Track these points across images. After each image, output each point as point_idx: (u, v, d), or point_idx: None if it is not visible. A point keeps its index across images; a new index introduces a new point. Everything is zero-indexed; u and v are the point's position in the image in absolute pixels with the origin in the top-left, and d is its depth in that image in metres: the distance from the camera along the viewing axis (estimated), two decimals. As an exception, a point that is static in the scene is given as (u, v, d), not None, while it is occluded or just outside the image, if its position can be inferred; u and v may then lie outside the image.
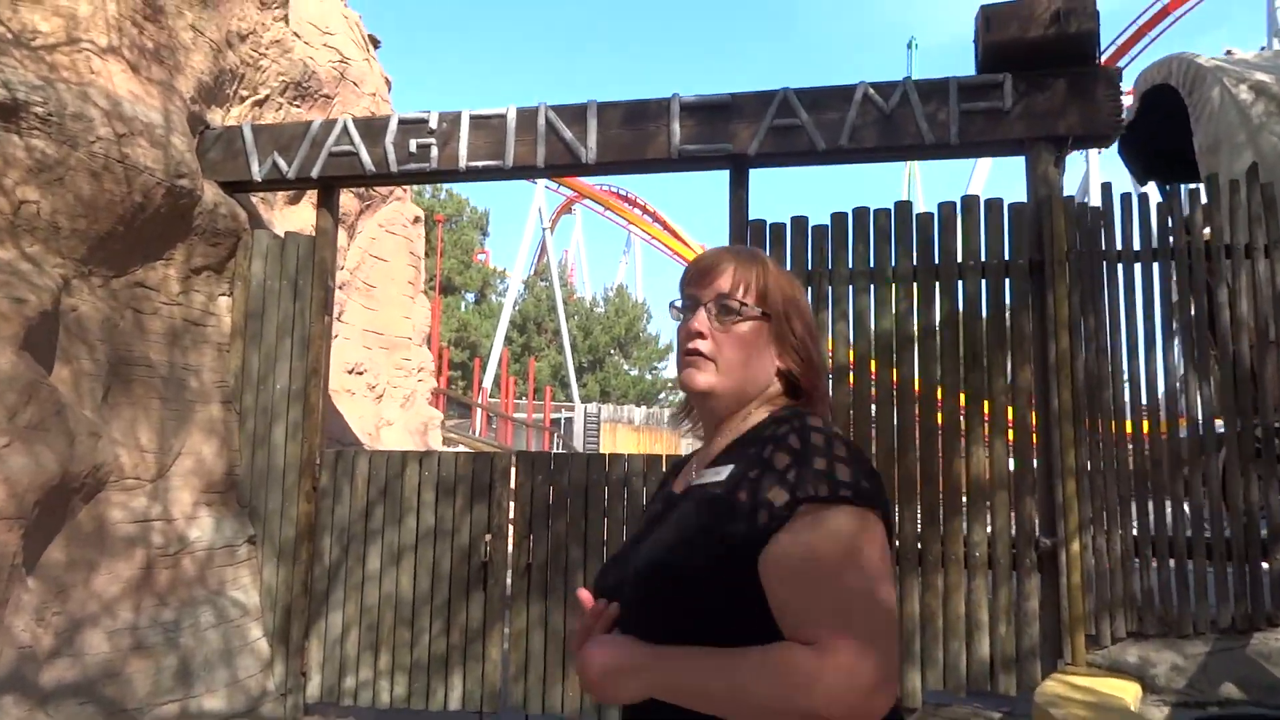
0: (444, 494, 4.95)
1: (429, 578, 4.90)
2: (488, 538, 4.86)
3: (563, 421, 32.03)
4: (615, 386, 41.24)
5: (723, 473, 1.19)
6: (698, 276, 1.30)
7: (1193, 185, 4.14)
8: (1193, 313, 4.02)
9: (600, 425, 30.70)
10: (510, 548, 4.86)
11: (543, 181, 35.91)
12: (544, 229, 39.26)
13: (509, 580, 4.86)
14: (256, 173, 5.09)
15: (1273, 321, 3.91)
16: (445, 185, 38.45)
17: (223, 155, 5.15)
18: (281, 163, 5.07)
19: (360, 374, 7.05)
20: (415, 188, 34.14)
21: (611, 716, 4.61)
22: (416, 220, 8.04)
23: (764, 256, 1.33)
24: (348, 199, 6.87)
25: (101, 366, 4.45)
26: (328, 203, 5.21)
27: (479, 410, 25.94)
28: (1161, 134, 5.70)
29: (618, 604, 1.18)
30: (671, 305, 1.34)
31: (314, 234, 5.26)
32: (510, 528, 4.90)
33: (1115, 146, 5.73)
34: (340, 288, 6.84)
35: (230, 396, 5.19)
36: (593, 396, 38.82)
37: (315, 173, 5.04)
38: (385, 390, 7.42)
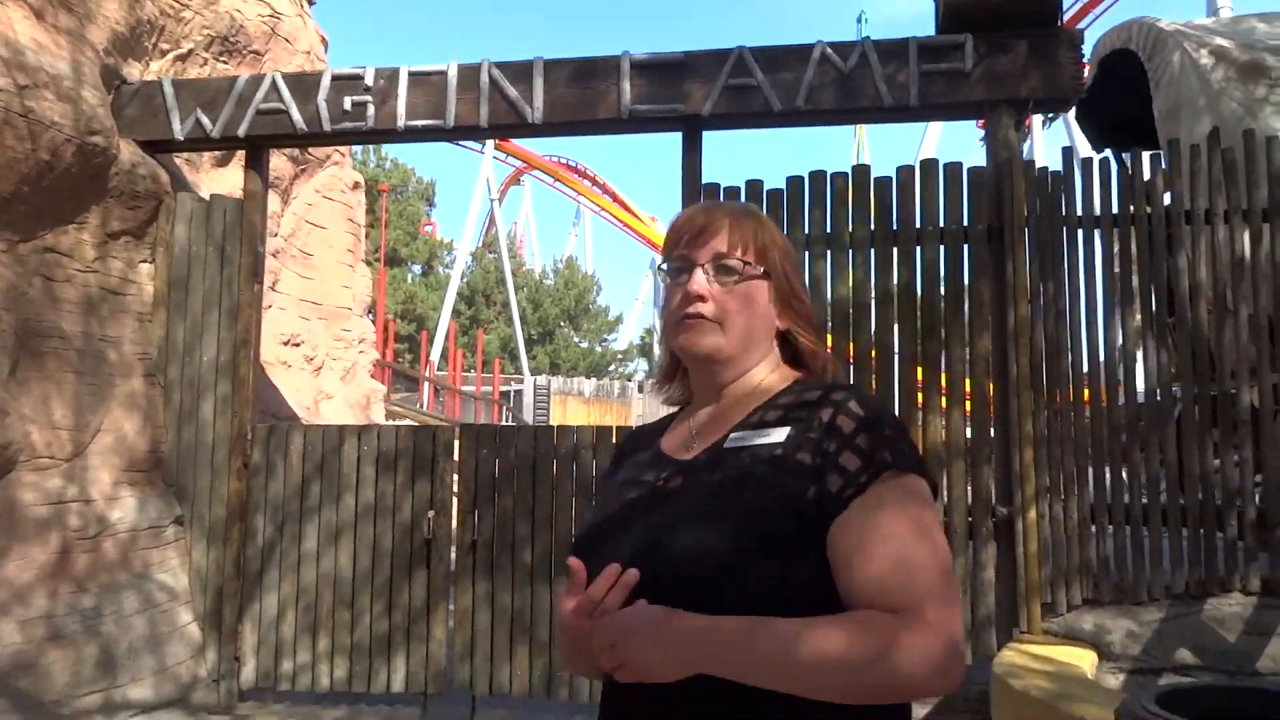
0: (384, 469, 4.73)
1: (369, 556, 4.70)
2: (431, 514, 4.67)
3: (512, 394, 31.73)
4: (565, 359, 40.95)
5: (772, 434, 1.13)
6: (690, 236, 1.22)
7: (1153, 151, 4.05)
8: (1151, 280, 3.96)
9: (550, 398, 30.48)
10: (454, 524, 4.67)
11: (490, 152, 35.31)
12: (492, 200, 38.66)
13: (453, 558, 4.68)
14: (178, 131, 4.76)
15: (1230, 288, 3.86)
16: (390, 155, 37.61)
17: (141, 112, 4.81)
18: (205, 120, 4.75)
19: (297, 345, 6.76)
20: (358, 156, 33.28)
21: (561, 696, 4.47)
22: (356, 186, 7.71)
23: (759, 212, 1.28)
24: (280, 162, 6.54)
25: (7, 338, 4.14)
26: (256, 164, 4.90)
27: (426, 383, 25.51)
28: (1119, 100, 5.66)
29: (635, 571, 1.03)
30: (660, 268, 1.28)
31: (241, 197, 4.96)
32: (454, 503, 4.71)
33: (1073, 112, 5.68)
34: (274, 255, 6.53)
35: (154, 369, 4.90)
36: (542, 369, 38.51)
37: (242, 131, 4.73)
38: (324, 362, 7.13)
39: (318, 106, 4.68)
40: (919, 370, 4.19)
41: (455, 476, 4.73)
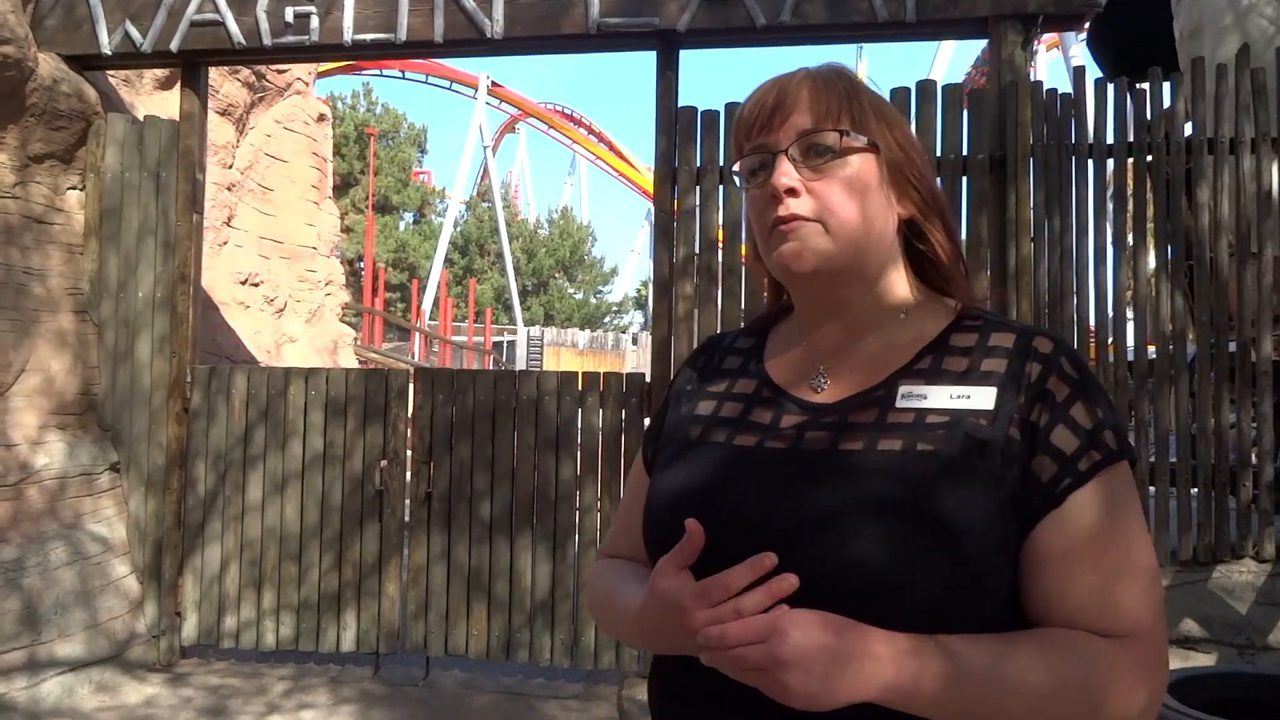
0: (334, 415, 4.40)
1: (317, 509, 4.38)
2: (383, 464, 4.35)
3: (505, 345, 31.43)
4: (559, 310, 40.57)
5: (973, 397, 0.86)
6: (765, 117, 0.92)
7: (1173, 73, 3.65)
8: (1168, 216, 3.59)
9: (543, 349, 30.20)
10: (408, 475, 4.35)
11: (484, 98, 34.51)
12: (486, 148, 37.90)
13: (407, 511, 4.37)
14: (105, 44, 4.34)
15: (1255, 225, 3.49)
16: (381, 100, 36.77)
17: (63, 23, 4.39)
18: (134, 33, 4.33)
19: (256, 285, 6.38)
20: (347, 100, 32.49)
21: (521, 658, 4.19)
22: (322, 118, 7.27)
23: (845, 70, 0.96)
24: (234, 89, 6.11)
25: (-87, 266, 3.77)
26: (193, 82, 4.48)
27: (417, 333, 25.17)
28: (1134, 23, 5.23)
29: (795, 579, 0.78)
30: (734, 171, 0.98)
31: (177, 119, 4.55)
32: (409, 453, 4.39)
33: (1084, 37, 5.24)
34: (229, 189, 6.12)
35: (85, 305, 4.53)
36: (536, 320, 38.15)
37: (174, 45, 4.31)
38: (287, 304, 6.76)
39: (257, 18, 4.25)
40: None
41: (409, 425, 4.40)
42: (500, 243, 37.40)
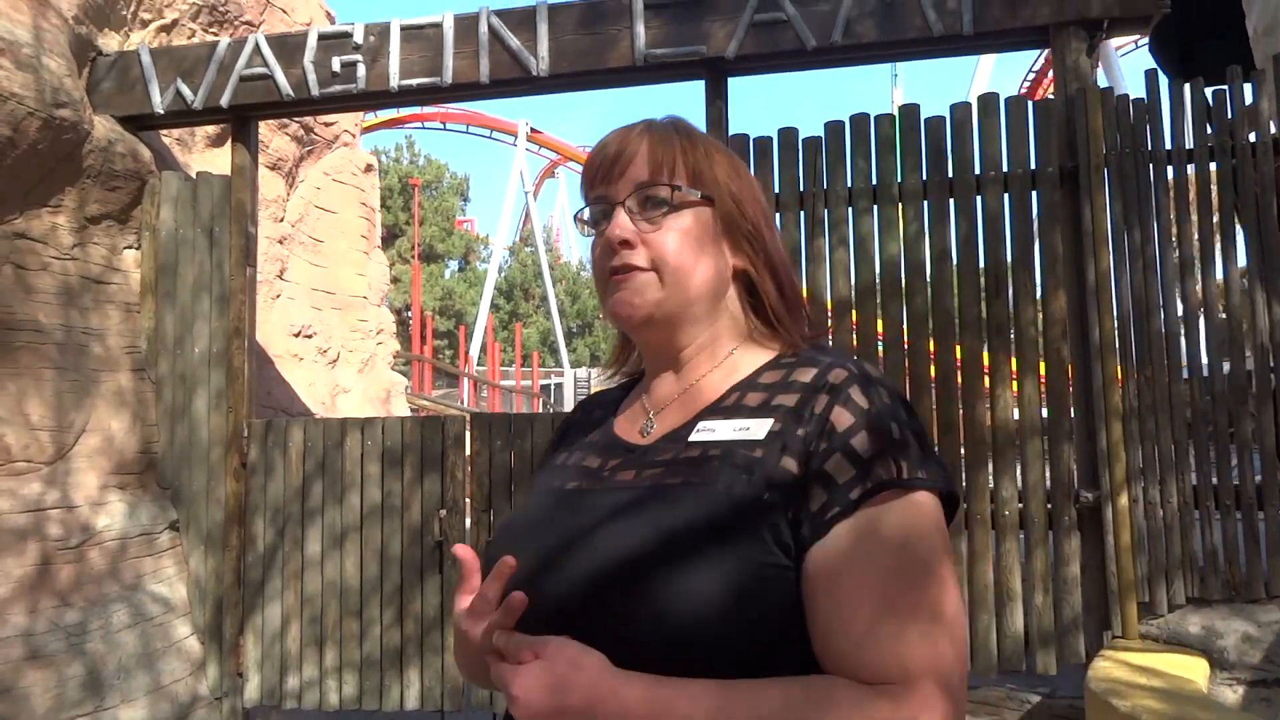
0: (390, 465, 4.32)
1: (377, 561, 4.29)
2: (441, 513, 4.25)
3: (553, 387, 31.46)
4: (605, 351, 40.55)
5: (751, 428, 0.87)
6: (604, 169, 0.96)
7: (1254, 71, 3.47)
8: (1258, 222, 3.38)
9: (590, 390, 30.14)
10: (468, 524, 4.25)
11: (523, 144, 34.99)
12: (526, 194, 38.35)
13: (468, 561, 4.24)
14: (157, 103, 4.38)
15: (1355, 226, 3.27)
16: (423, 151, 37.47)
17: (118, 85, 4.44)
18: (185, 90, 4.36)
19: (309, 337, 6.39)
20: (390, 154, 33.19)
21: (590, 711, 4.02)
22: (369, 169, 7.33)
23: (687, 124, 1.00)
24: (284, 143, 6.17)
25: (-25, 331, 3.79)
26: (243, 136, 4.51)
27: (465, 379, 25.30)
28: (1200, 24, 5.04)
29: (523, 595, 0.79)
30: (577, 219, 1.01)
31: (229, 174, 4.57)
32: (467, 501, 4.29)
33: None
34: (281, 242, 6.16)
35: (143, 363, 4.54)
36: (582, 361, 38.20)
37: (225, 101, 4.33)
38: (340, 354, 6.76)
39: (304, 69, 4.26)
40: (983, 336, 3.66)
41: (468, 472, 4.30)
42: (544, 286, 37.65)
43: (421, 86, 4.19)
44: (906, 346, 3.74)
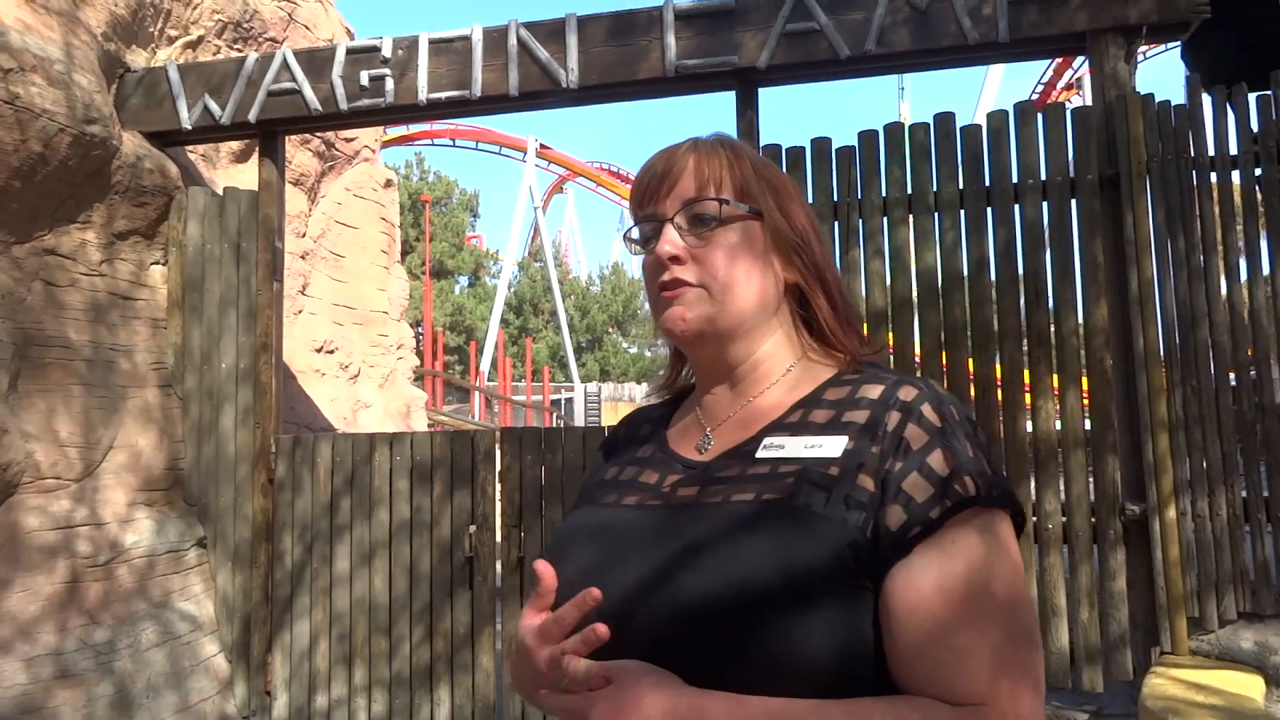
0: (419, 481, 4.27)
1: (406, 578, 4.24)
2: (472, 529, 4.20)
3: (563, 402, 31.42)
4: (615, 365, 40.58)
5: (825, 445, 0.85)
6: (652, 188, 0.97)
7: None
8: (1306, 226, 3.32)
9: (601, 404, 30.11)
10: (498, 539, 4.20)
11: (532, 160, 35.11)
12: (536, 209, 38.45)
13: (498, 577, 4.20)
14: (185, 119, 4.38)
15: (1406, 232, 3.22)
16: (433, 167, 37.62)
17: (146, 101, 4.44)
18: (213, 106, 4.36)
19: (331, 352, 6.37)
20: (401, 170, 33.37)
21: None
22: (389, 184, 7.33)
23: (734, 140, 1.00)
24: (306, 158, 6.17)
25: (5, 348, 3.77)
26: (270, 151, 4.50)
27: (477, 393, 25.29)
28: (1230, 31, 4.99)
29: (606, 629, 0.77)
30: (626, 239, 1.01)
31: (257, 189, 4.55)
32: (497, 517, 4.24)
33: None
34: (303, 257, 6.15)
35: (170, 379, 4.51)
36: (592, 376, 38.18)
37: (253, 116, 4.32)
38: (361, 369, 6.74)
39: (332, 84, 4.25)
40: (1025, 347, 3.61)
41: (498, 487, 4.26)
42: (554, 301, 37.69)
43: (450, 100, 4.17)
44: (945, 358, 3.69)
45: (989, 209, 3.68)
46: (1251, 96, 3.46)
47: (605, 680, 0.77)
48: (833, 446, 0.85)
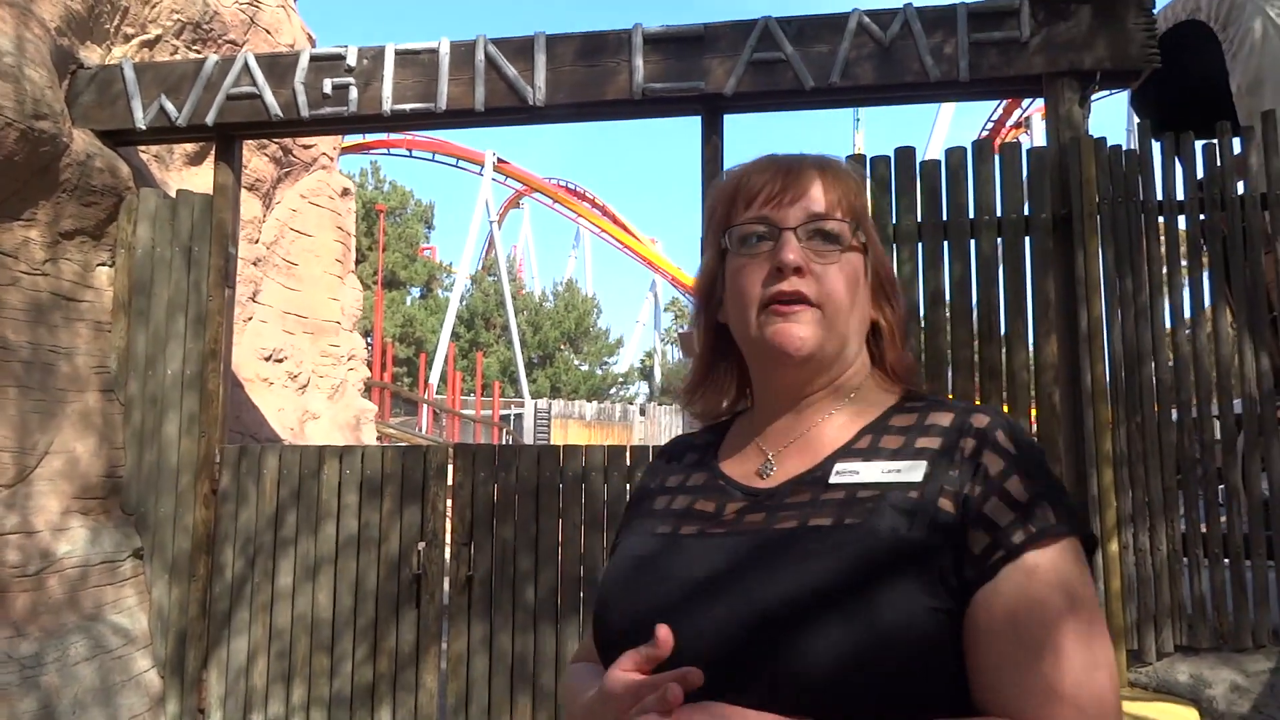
0: (369, 495, 4.20)
1: (351, 594, 4.15)
2: (421, 546, 4.13)
3: (512, 418, 31.19)
4: (566, 382, 40.43)
5: (904, 471, 0.85)
6: (772, 192, 0.93)
7: (1243, 126, 3.56)
8: (1248, 272, 3.45)
9: (551, 421, 29.95)
10: (447, 557, 4.14)
11: (489, 174, 34.96)
12: (491, 223, 38.26)
13: (446, 595, 4.14)
14: (140, 119, 4.28)
15: (1339, 280, 3.36)
16: (389, 177, 37.28)
17: (99, 99, 4.33)
18: (170, 107, 4.26)
19: (280, 361, 6.24)
20: (356, 178, 33.00)
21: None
22: (346, 193, 7.23)
23: (844, 162, 0.99)
24: (262, 164, 6.06)
25: (-62, 346, 3.63)
26: (227, 155, 4.41)
27: (425, 406, 24.98)
28: (1181, 79, 5.18)
29: (697, 671, 0.76)
30: (727, 235, 0.96)
31: (211, 193, 4.46)
32: (448, 534, 4.18)
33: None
34: (255, 264, 6.03)
35: (112, 384, 4.38)
36: (543, 392, 37.97)
37: (211, 119, 4.24)
38: (310, 379, 6.61)
39: (294, 90, 4.19)
40: (976, 380, 3.68)
41: (449, 503, 4.20)
42: (506, 315, 37.48)
43: (415, 112, 4.14)
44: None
45: (946, 243, 3.76)
46: (1198, 144, 3.59)
47: None
48: (912, 472, 0.85)
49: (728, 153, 4.14)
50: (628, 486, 4.00)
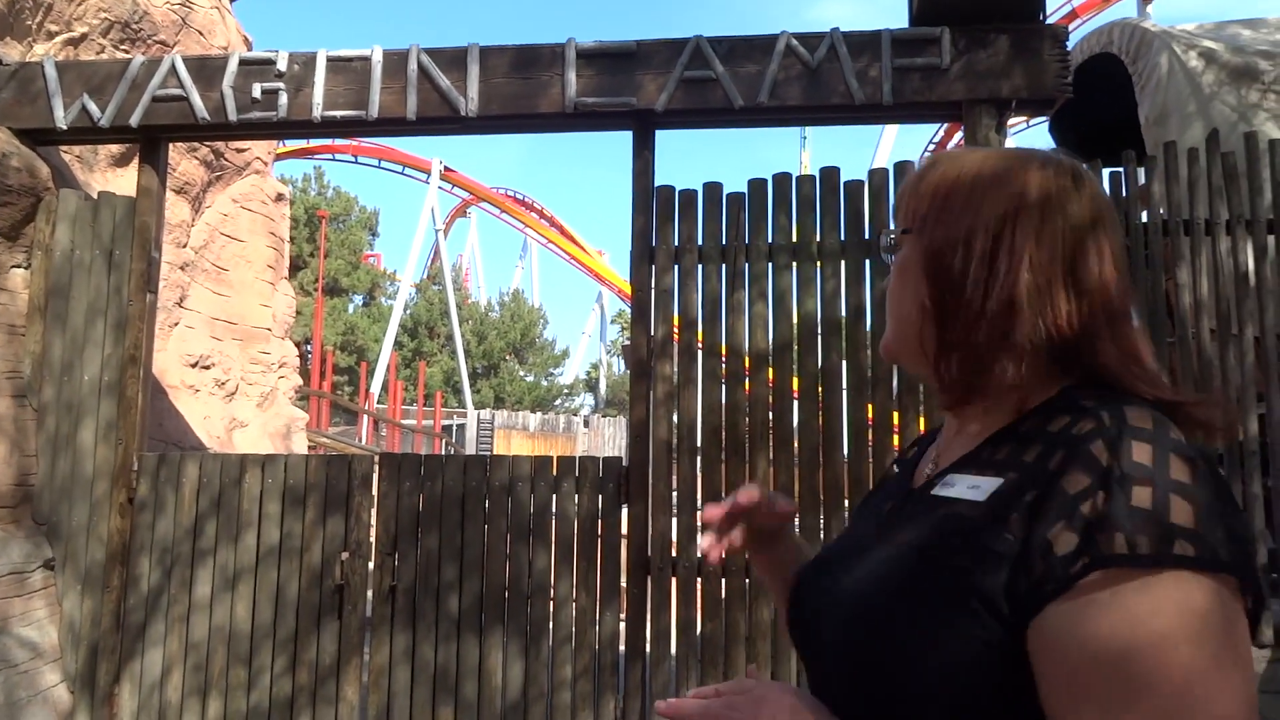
0: (291, 505, 4.14)
1: (271, 606, 4.09)
2: (344, 556, 4.09)
3: (455, 428, 30.90)
4: (510, 393, 40.22)
5: (982, 486, 0.79)
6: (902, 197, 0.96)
7: (1147, 156, 3.73)
8: (1151, 295, 3.60)
9: (494, 432, 29.75)
10: (371, 567, 4.10)
11: (436, 182, 34.72)
12: (437, 231, 37.98)
13: (369, 606, 4.09)
14: (60, 119, 4.18)
15: (1234, 305, 3.52)
16: (333, 183, 36.77)
17: (18, 96, 4.23)
18: (93, 107, 4.18)
19: (207, 368, 6.12)
20: (298, 183, 32.53)
21: (491, 766, 3.89)
22: (280, 198, 7.13)
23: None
24: (192, 167, 5.96)
25: None
26: (152, 158, 4.33)
27: (365, 416, 24.62)
28: (1094, 109, 5.39)
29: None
30: (880, 248, 1.12)
31: (134, 195, 4.37)
32: (372, 544, 4.14)
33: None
34: (183, 269, 5.92)
35: (24, 389, 4.26)
36: (487, 403, 37.72)
37: (135, 120, 4.17)
38: (239, 387, 6.50)
39: (223, 94, 4.14)
40: (895, 393, 3.77)
41: (374, 513, 4.16)
42: (451, 325, 37.17)
43: (346, 119, 4.12)
44: (821, 400, 3.82)
45: (868, 261, 3.85)
46: (1105, 171, 3.74)
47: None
48: (986, 487, 0.79)
49: (660, 168, 4.19)
50: (554, 497, 4.02)
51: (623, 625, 3.99)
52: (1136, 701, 0.65)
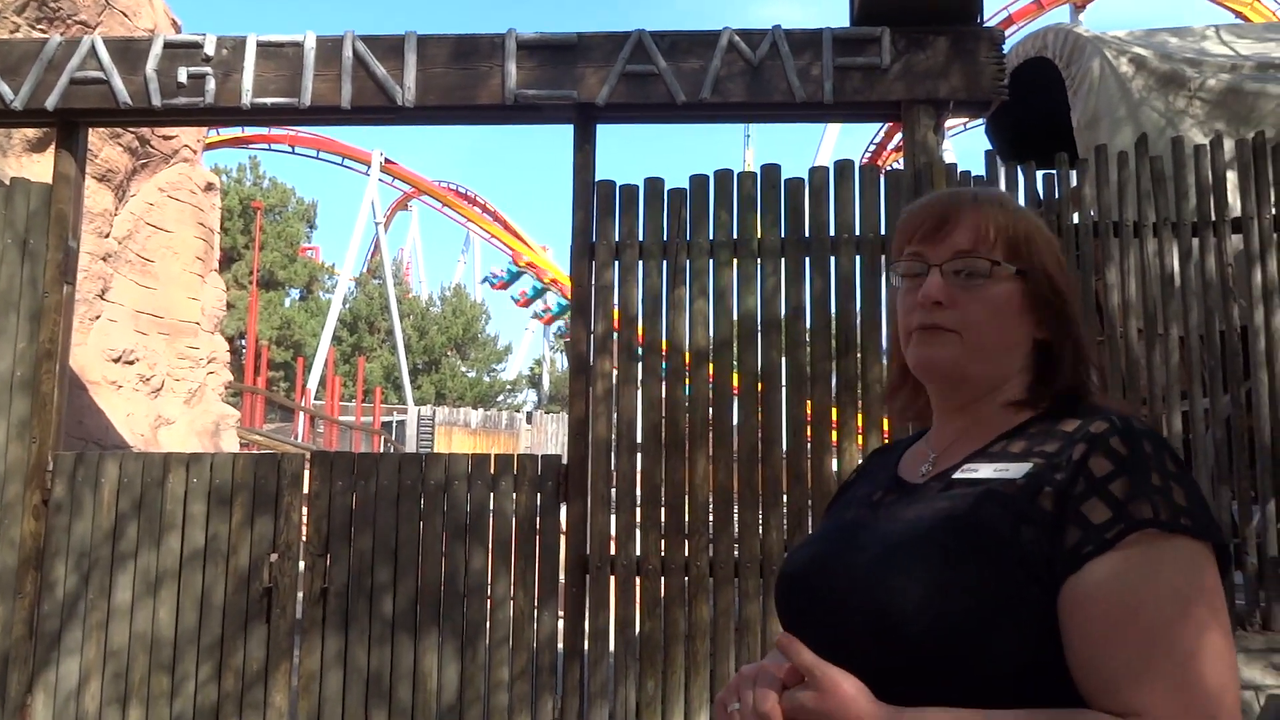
0: (218, 505, 4.00)
1: (196, 610, 3.94)
2: (273, 558, 3.96)
3: (395, 425, 30.45)
4: (451, 389, 39.75)
5: (1012, 469, 0.94)
6: (927, 230, 1.04)
7: (1078, 159, 3.80)
8: (1081, 294, 3.67)
9: (435, 428, 29.39)
10: (301, 569, 3.98)
11: (376, 174, 34.15)
12: (377, 224, 37.34)
13: (299, 609, 3.98)
14: (-30, 99, 3.97)
15: (1160, 305, 3.60)
16: (269, 174, 35.94)
17: (-76, 75, 4.00)
18: (6, 89, 3.98)
19: (131, 363, 5.90)
20: (233, 173, 31.69)
21: (426, 771, 3.81)
22: (210, 187, 6.91)
23: (1011, 199, 1.09)
24: (115, 154, 5.73)
25: None
26: (69, 143, 4.14)
27: (302, 413, 24.11)
28: (1030, 112, 5.49)
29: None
30: (891, 269, 1.13)
31: (50, 182, 4.18)
32: (302, 545, 4.02)
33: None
34: (105, 259, 5.69)
35: (-70, 385, 4.04)
36: (428, 399, 37.23)
37: (51, 104, 3.98)
38: (165, 382, 6.28)
39: (146, 78, 3.98)
40: (833, 390, 3.78)
41: (305, 513, 4.04)
42: (391, 320, 36.61)
43: (276, 106, 3.99)
44: (760, 397, 3.82)
45: (807, 259, 3.86)
46: (1040, 173, 3.80)
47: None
48: (1017, 470, 0.92)
49: (619, 157, 4.15)
50: (491, 495, 3.95)
51: (561, 625, 3.94)
52: (1179, 631, 0.81)
